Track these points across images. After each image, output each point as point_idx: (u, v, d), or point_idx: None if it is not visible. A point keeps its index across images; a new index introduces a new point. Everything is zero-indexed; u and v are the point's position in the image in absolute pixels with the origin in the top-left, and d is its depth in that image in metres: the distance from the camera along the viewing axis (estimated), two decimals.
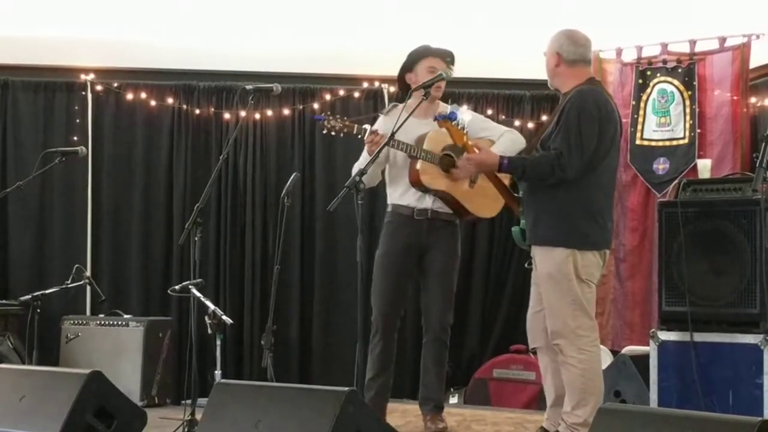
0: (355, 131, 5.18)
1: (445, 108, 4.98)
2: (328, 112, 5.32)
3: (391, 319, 5.36)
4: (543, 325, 4.80)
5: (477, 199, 5.31)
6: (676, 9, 6.99)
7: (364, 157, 5.20)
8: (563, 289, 4.64)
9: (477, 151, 4.86)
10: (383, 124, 5.29)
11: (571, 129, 4.59)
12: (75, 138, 7.37)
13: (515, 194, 4.96)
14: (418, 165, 5.18)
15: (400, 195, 5.39)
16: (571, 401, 4.67)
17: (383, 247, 5.41)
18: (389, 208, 5.45)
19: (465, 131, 4.83)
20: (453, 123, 4.78)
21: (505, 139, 5.32)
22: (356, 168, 5.13)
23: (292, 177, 5.19)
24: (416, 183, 5.23)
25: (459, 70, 4.96)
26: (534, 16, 7.04)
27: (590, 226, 4.68)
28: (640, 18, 7.14)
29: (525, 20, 7.09)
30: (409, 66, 5.38)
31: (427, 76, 5.16)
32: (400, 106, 5.03)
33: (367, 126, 5.21)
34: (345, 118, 5.25)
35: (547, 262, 4.69)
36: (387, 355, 5.37)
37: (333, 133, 5.21)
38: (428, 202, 5.32)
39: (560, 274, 4.64)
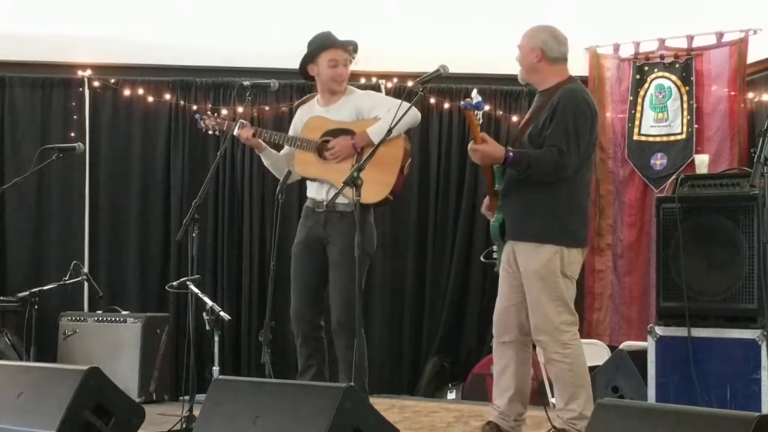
0: (225, 127, 5.28)
1: (471, 98, 4.74)
2: (207, 112, 5.35)
3: (303, 313, 5.34)
4: (516, 320, 4.75)
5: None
6: (673, 4, 6.99)
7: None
8: (549, 285, 4.63)
9: (485, 142, 4.70)
10: (300, 114, 5.44)
11: (568, 128, 4.59)
12: (72, 134, 7.36)
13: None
14: (297, 154, 5.29)
15: (309, 188, 5.42)
16: (562, 397, 4.67)
17: (295, 242, 5.46)
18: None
19: (480, 121, 4.76)
20: (476, 113, 4.70)
21: (391, 115, 4.76)
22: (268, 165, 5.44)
23: (284, 174, 5.18)
24: (294, 172, 5.30)
25: (457, 66, 4.92)
26: (533, 15, 7.01)
27: (577, 223, 4.71)
28: (637, 13, 7.14)
29: (524, 18, 7.06)
30: (311, 57, 5.32)
31: (328, 70, 5.25)
32: (316, 96, 5.34)
33: (243, 121, 5.29)
34: (221, 115, 5.28)
35: (533, 259, 4.65)
36: (308, 350, 5.34)
37: (210, 132, 5.29)
38: (323, 194, 5.27)
39: (547, 270, 4.62)
